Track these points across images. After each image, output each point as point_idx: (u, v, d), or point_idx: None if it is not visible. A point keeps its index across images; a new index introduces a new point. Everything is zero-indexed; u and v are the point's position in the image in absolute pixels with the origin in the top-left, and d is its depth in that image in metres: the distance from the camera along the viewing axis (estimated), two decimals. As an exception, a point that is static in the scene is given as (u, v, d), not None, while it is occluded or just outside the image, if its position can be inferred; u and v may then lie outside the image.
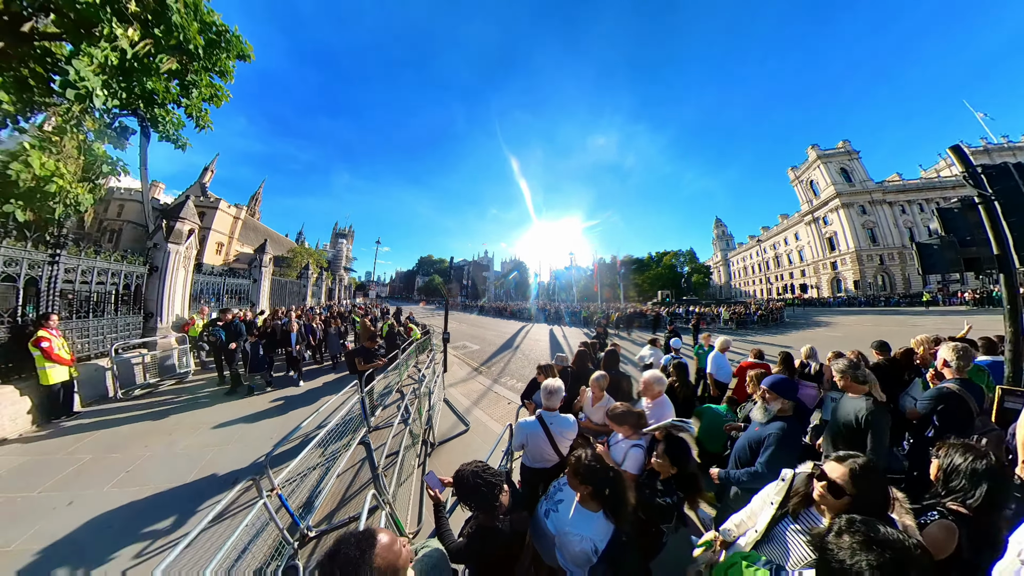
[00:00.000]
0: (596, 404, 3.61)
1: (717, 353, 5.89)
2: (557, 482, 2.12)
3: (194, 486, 4.20)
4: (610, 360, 4.81)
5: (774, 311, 26.97)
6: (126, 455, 4.85)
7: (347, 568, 1.12)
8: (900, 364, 4.34)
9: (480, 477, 1.87)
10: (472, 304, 65.29)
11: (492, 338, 19.74)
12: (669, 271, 74.87)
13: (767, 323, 24.58)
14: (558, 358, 5.05)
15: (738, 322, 23.82)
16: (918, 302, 37.48)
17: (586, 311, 32.69)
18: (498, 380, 9.74)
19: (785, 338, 16.98)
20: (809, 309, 41.87)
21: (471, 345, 16.93)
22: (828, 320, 25.68)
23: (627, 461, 2.53)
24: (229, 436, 5.60)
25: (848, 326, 21.19)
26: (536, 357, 13.51)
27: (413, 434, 4.90)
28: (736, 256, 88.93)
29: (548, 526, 1.91)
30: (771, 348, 6.47)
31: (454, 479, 1.97)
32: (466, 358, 13.40)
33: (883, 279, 53.63)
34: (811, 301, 52.29)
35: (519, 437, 3.04)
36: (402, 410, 4.72)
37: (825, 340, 15.06)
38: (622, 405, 2.79)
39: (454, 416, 6.38)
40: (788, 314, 30.98)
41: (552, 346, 16.97)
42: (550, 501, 2.00)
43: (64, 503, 3.81)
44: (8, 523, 3.46)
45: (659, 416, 3.02)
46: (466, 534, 1.98)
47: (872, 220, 55.20)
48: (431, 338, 11.87)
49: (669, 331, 9.38)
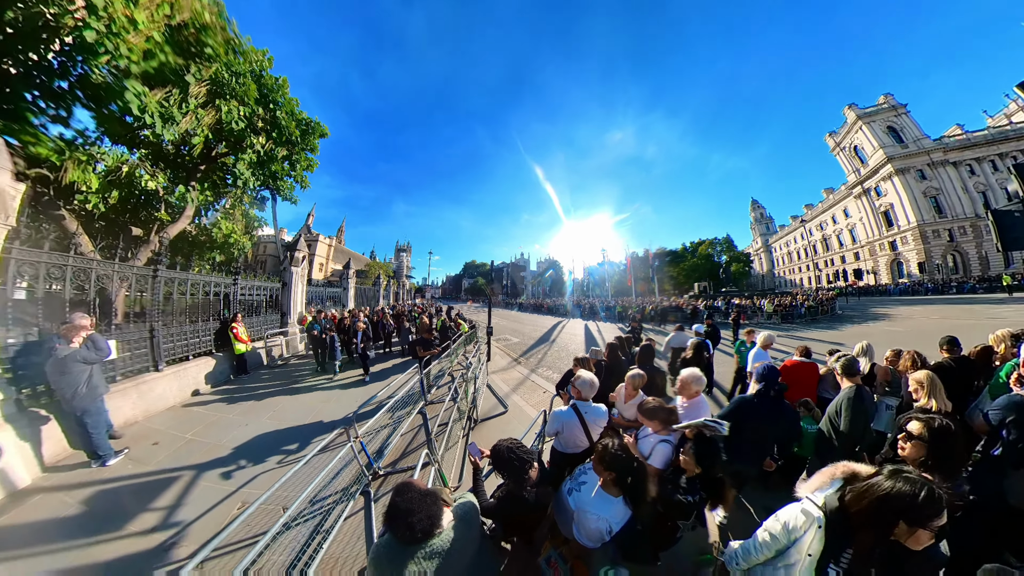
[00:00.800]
0: (629, 401, 3.57)
1: (759, 350, 5.38)
2: (583, 466, 2.24)
3: (309, 427, 5.87)
4: (645, 356, 4.68)
5: (824, 302, 23.84)
6: (271, 402, 7.15)
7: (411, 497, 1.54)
8: (973, 365, 3.63)
9: (514, 453, 2.06)
10: (512, 301, 69.28)
11: (530, 332, 20.78)
12: (705, 261, 68.73)
13: (816, 316, 21.77)
14: (592, 352, 5.19)
15: (783, 315, 21.20)
16: (998, 286, 30.94)
17: (620, 306, 31.86)
18: (535, 370, 10.29)
19: (837, 334, 14.88)
20: (865, 299, 35.78)
21: (511, 338, 18.09)
22: (887, 312, 21.99)
23: (653, 455, 2.54)
24: (329, 397, 7.44)
25: (911, 319, 18.14)
26: (571, 350, 13.61)
27: (460, 410, 5.54)
28: (778, 241, 79.09)
29: (569, 502, 2.05)
30: (820, 345, 5.97)
31: (492, 452, 2.17)
32: (507, 349, 14.40)
33: (954, 259, 43.89)
34: (867, 289, 43.97)
35: (555, 424, 3.10)
36: (452, 390, 5.53)
37: (883, 336, 13.14)
38: (654, 400, 2.78)
39: (495, 399, 7.21)
40: (840, 305, 27.29)
41: (587, 340, 17.04)
42: (574, 481, 2.14)
43: (243, 425, 5.89)
44: (218, 432, 5.59)
45: (693, 416, 2.93)
46: (497, 497, 2.21)
47: (934, 186, 44.96)
48: (477, 331, 12.71)
49: (707, 326, 8.51)
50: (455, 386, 5.58)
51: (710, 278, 64.60)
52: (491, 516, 2.18)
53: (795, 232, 72.30)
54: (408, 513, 1.49)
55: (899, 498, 1.28)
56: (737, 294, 39.95)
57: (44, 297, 5.27)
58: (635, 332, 8.74)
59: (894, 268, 49.62)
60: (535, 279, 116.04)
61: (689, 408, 3.13)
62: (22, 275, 5.01)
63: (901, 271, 48.48)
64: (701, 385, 3.23)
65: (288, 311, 11.96)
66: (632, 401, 3.51)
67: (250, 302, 10.93)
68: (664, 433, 2.63)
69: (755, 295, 36.20)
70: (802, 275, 69.85)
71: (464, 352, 9.86)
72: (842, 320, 20.28)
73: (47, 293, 5.42)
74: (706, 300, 33.39)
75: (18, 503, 3.80)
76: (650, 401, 2.76)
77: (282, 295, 12.05)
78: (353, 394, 7.65)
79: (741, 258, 71.95)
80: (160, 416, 6.26)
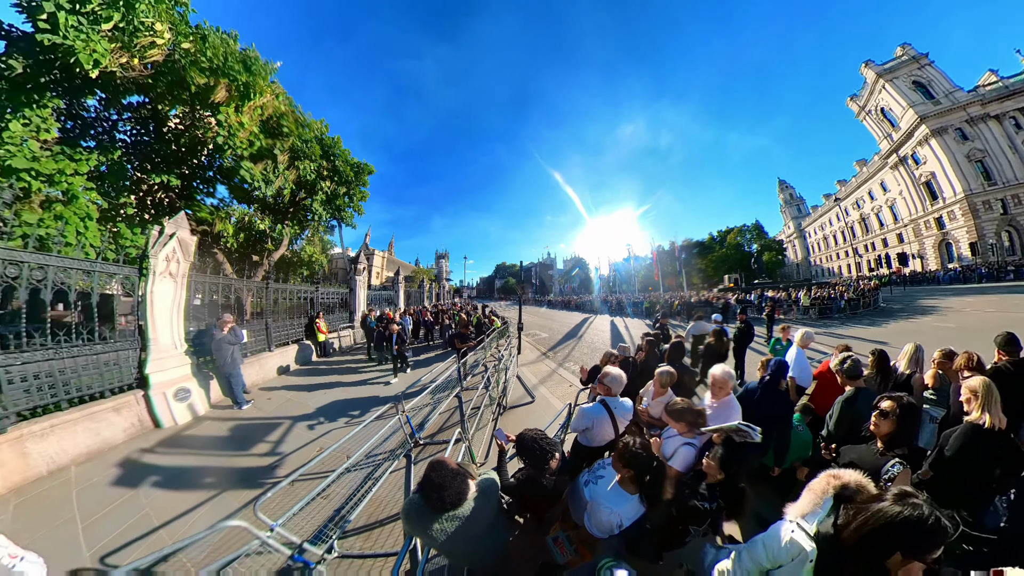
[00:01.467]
0: (657, 399, 3.45)
1: (797, 349, 4.78)
2: (603, 460, 2.28)
3: (368, 399, 7.14)
4: (675, 353, 4.53)
5: (865, 293, 20.72)
6: (342, 377, 8.93)
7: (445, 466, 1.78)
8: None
9: (537, 443, 2.20)
10: (541, 299, 71.64)
11: (558, 328, 21.15)
12: (735, 251, 62.45)
13: (857, 310, 19.10)
14: (620, 348, 5.21)
15: (821, 309, 18.86)
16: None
17: (648, 301, 29.76)
18: (562, 365, 10.47)
19: (880, 331, 12.84)
20: (911, 289, 30.86)
21: (540, 333, 18.68)
22: (936, 304, 18.81)
23: (675, 457, 2.44)
24: (383, 377, 8.94)
25: (963, 311, 15.34)
26: (598, 346, 13.61)
27: (491, 397, 5.97)
28: (812, 224, 69.31)
29: (585, 493, 2.09)
30: (862, 345, 5.53)
31: (517, 439, 2.30)
32: (536, 344, 14.89)
33: (1009, 236, 35.77)
34: (914, 277, 37.50)
35: (584, 421, 2.99)
36: (485, 379, 5.95)
37: (932, 333, 11.13)
38: (682, 401, 2.66)
39: (523, 389, 7.58)
40: (884, 297, 23.65)
41: (613, 336, 16.90)
42: (592, 474, 2.18)
43: (323, 393, 7.49)
44: (306, 396, 7.32)
45: (722, 418, 2.73)
46: (517, 478, 2.37)
47: (978, 148, 36.70)
48: (508, 327, 13.16)
49: (740, 322, 7.97)
50: (488, 375, 6.06)
51: (741, 269, 60.11)
52: (510, 494, 2.31)
53: (829, 213, 62.74)
54: (440, 488, 1.70)
55: (904, 527, 1.11)
56: (770, 286, 35.96)
57: (208, 303, 8.94)
58: (663, 329, 8.34)
59: (942, 250, 41.63)
60: (562, 277, 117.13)
61: (719, 409, 2.92)
62: (196, 290, 8.68)
63: (951, 254, 40.56)
64: (733, 381, 3.01)
65: (354, 310, 15.64)
66: (660, 399, 3.38)
67: (327, 303, 14.72)
68: (689, 435, 2.51)
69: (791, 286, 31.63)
70: (840, 262, 61.13)
71: (497, 345, 10.42)
72: (885, 315, 17.60)
73: (210, 301, 9.19)
74: (737, 293, 30.81)
75: (198, 424, 5.94)
76: (678, 402, 2.65)
77: (349, 298, 15.78)
78: (402, 378, 8.96)
79: (773, 246, 64.43)
80: (271, 381, 8.66)
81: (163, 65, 7.93)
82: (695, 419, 2.53)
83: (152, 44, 7.20)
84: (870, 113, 47.69)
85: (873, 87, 45.60)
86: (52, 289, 4.62)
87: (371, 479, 4.03)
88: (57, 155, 7.24)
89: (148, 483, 4.12)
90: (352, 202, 16.00)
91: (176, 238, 6.27)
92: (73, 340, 4.97)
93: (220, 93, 9.30)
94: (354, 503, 3.47)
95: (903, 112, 41.87)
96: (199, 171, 11.06)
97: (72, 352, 4.88)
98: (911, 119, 40.86)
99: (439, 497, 1.72)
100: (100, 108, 9.53)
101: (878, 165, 49.14)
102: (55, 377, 4.66)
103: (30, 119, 6.58)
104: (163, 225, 6.05)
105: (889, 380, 3.58)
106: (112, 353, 5.46)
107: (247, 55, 9.53)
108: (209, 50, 8.22)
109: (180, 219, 6.50)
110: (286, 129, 12.51)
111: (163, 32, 7.10)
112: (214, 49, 8.33)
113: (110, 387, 5.35)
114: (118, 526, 3.38)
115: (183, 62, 8.02)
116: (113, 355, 5.47)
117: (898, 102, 42.27)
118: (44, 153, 6.97)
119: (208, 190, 11.78)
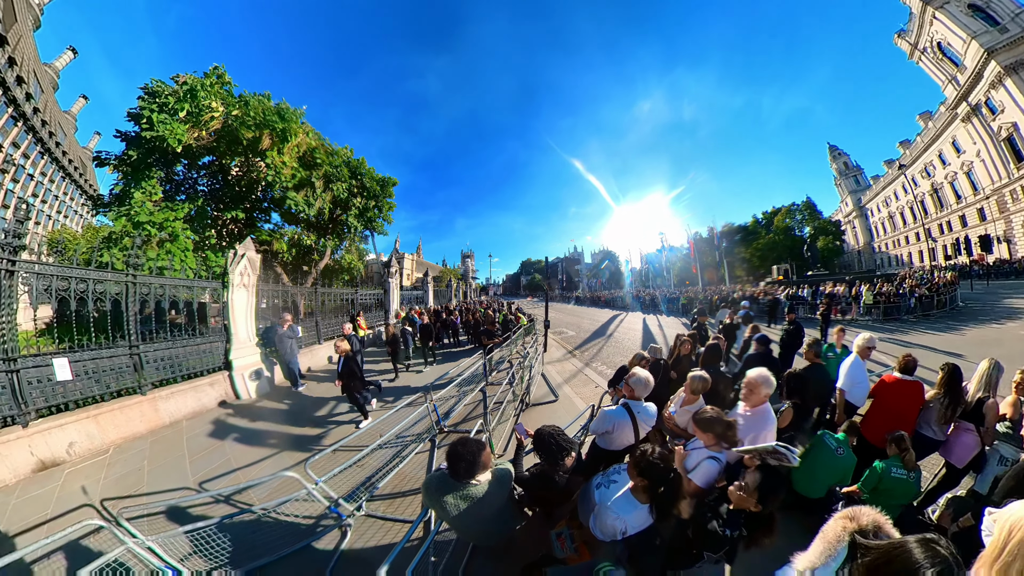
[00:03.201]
0: (685, 406, 3.22)
1: (856, 359, 4.03)
2: (619, 465, 2.29)
3: (400, 388, 8.22)
4: (711, 356, 4.23)
5: (940, 289, 16.95)
6: (380, 366, 10.27)
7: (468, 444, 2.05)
8: None
9: (554, 439, 2.29)
10: (568, 295, 69.56)
11: (586, 326, 20.86)
12: (784, 236, 55.04)
13: (930, 310, 15.56)
14: (651, 349, 4.94)
15: (886, 308, 15.75)
16: None
17: (684, 297, 27.46)
18: (589, 364, 10.43)
19: (955, 339, 10.55)
20: (995, 284, 24.58)
21: (567, 331, 18.59)
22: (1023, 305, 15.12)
23: (697, 471, 2.30)
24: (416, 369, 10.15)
25: None
26: (629, 347, 13.28)
27: (515, 393, 6.22)
28: (874, 200, 57.13)
29: (595, 495, 2.12)
30: (932, 357, 4.86)
31: (535, 434, 2.40)
32: (562, 342, 14.83)
33: None
34: (1000, 267, 29.46)
35: (605, 424, 2.99)
36: (510, 375, 6.21)
37: (1016, 345, 8.93)
38: (712, 410, 2.48)
39: (547, 387, 7.77)
40: (963, 294, 19.09)
41: (645, 336, 16.29)
42: (606, 477, 2.21)
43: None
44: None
45: (756, 430, 2.60)
46: (531, 472, 2.48)
47: None
48: (534, 324, 13.34)
49: (788, 321, 7.15)
50: (512, 372, 6.31)
51: (791, 258, 49.79)
52: (522, 485, 2.48)
53: (894, 185, 51.38)
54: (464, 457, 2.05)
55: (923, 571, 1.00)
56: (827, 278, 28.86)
57: (271, 306, 11.96)
58: (700, 329, 7.56)
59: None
60: (590, 272, 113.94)
61: (752, 418, 2.73)
62: (263, 297, 11.57)
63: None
64: (770, 388, 2.76)
65: (388, 309, 18.49)
66: (689, 407, 3.16)
67: (365, 304, 17.57)
68: (716, 449, 2.34)
69: (857, 279, 24.53)
70: (910, 248, 50.81)
71: (522, 343, 10.75)
72: (964, 317, 14.48)
73: (272, 304, 12.19)
74: (788, 287, 26.22)
75: (265, 398, 7.61)
76: (707, 410, 2.47)
77: (384, 299, 18.70)
78: (432, 370, 9.99)
79: (828, 228, 56.32)
80: (321, 368, 10.50)
81: (221, 131, 10.94)
82: (724, 431, 2.34)
83: (211, 118, 10.12)
84: (925, 51, 39.51)
85: (921, 18, 37.94)
86: (168, 300, 7.24)
87: (399, 456, 4.60)
88: (163, 208, 10.55)
89: (231, 437, 5.58)
90: (382, 213, 18.70)
91: (246, 257, 8.25)
92: (182, 335, 7.16)
93: (265, 142, 12.20)
94: (383, 474, 4.13)
95: (964, 46, 33.74)
96: (257, 204, 14.43)
97: (183, 343, 7.02)
98: (975, 54, 32.66)
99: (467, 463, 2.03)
100: (185, 171, 13.27)
101: (946, 118, 39.04)
102: (173, 360, 6.72)
103: (145, 188, 9.84)
104: (236, 249, 8.12)
105: (958, 404, 3.05)
106: (207, 344, 7.52)
107: (280, 107, 12.31)
108: (252, 111, 11.04)
109: (247, 243, 8.62)
110: (319, 159, 15.38)
111: (217, 108, 10.00)
112: (255, 110, 11.13)
113: (207, 368, 7.32)
114: (211, 463, 4.78)
115: (235, 125, 10.95)
116: (208, 346, 7.52)
117: (955, 33, 34.24)
118: (155, 209, 10.26)
119: (265, 218, 15.30)
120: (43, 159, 44.42)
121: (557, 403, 6.97)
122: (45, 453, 4.26)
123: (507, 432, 5.32)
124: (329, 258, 18.61)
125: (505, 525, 2.34)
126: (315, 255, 17.66)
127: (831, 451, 2.87)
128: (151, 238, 10.01)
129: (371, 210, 17.92)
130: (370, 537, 3.36)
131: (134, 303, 6.10)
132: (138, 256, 6.25)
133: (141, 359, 6.07)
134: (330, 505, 3.43)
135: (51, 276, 5.13)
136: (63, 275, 5.22)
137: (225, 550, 2.97)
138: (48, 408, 4.77)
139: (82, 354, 5.31)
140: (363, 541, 3.31)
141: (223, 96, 10.83)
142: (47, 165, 45.55)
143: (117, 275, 5.97)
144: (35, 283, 4.98)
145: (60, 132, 49.09)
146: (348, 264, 19.08)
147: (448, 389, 5.99)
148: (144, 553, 2.61)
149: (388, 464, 4.50)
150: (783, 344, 6.84)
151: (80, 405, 5.15)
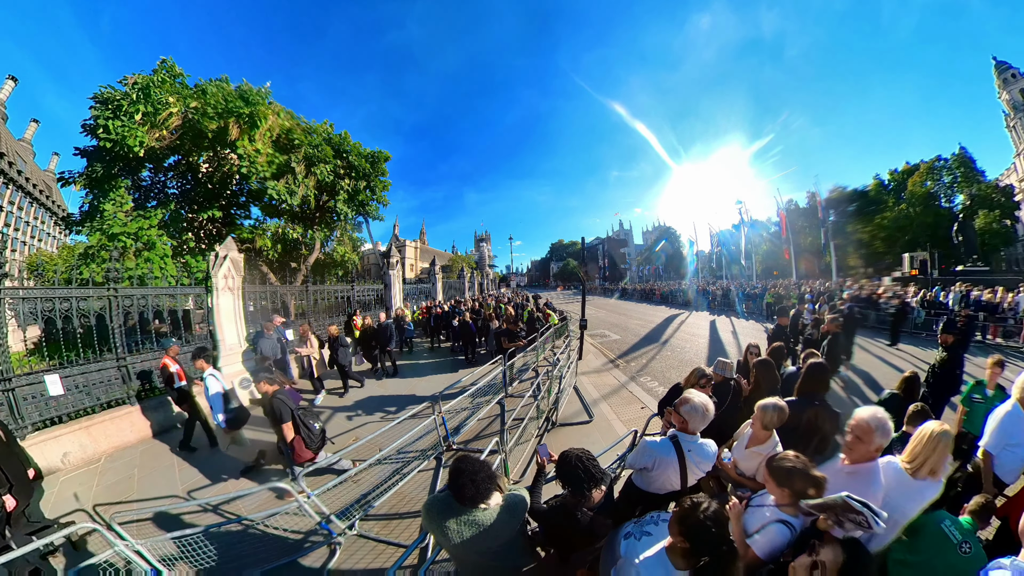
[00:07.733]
0: (753, 447, 2.82)
1: (1016, 409, 3.12)
2: (656, 514, 2.09)
3: (405, 397, 8.37)
4: (811, 380, 3.49)
5: None
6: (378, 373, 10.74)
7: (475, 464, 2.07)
8: None
9: (582, 463, 2.14)
10: (612, 287, 64.80)
11: (636, 328, 19.13)
12: (923, 208, 40.39)
13: None
14: (719, 364, 4.29)
15: None
16: None
17: (771, 294, 22.33)
18: (635, 378, 9.71)
19: None
20: None
21: (610, 334, 17.25)
22: None
23: (760, 535, 2.02)
24: (423, 372, 10.33)
25: None
26: (689, 358, 12.02)
27: (539, 409, 6.07)
28: None
29: (621, 547, 1.97)
30: None
31: (560, 456, 2.29)
32: (603, 348, 13.92)
33: None
34: None
35: (645, 458, 2.72)
36: (534, 386, 5.97)
37: None
38: (796, 457, 2.10)
39: (580, 404, 7.28)
40: None
41: (712, 345, 14.34)
42: (638, 527, 2.03)
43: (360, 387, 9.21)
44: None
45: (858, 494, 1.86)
46: (549, 504, 2.42)
47: None
48: (568, 324, 12.71)
49: (942, 344, 5.63)
50: (538, 382, 5.99)
51: (934, 244, 35.02)
52: (537, 519, 2.41)
53: None
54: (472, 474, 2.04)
55: None
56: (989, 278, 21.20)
57: (259, 308, 12.72)
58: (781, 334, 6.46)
59: None
60: (641, 256, 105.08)
61: (855, 477, 2.23)
62: (250, 299, 12.38)
63: None
64: (886, 439, 2.24)
65: (390, 306, 19.09)
66: (757, 448, 2.81)
67: (363, 300, 18.21)
68: (790, 510, 2.01)
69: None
70: None
71: (552, 347, 10.24)
72: None
73: (261, 307, 12.98)
74: (924, 286, 20.43)
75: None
76: (788, 457, 2.11)
77: (385, 294, 19.37)
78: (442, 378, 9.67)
79: (994, 198, 38.96)
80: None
81: (183, 126, 11.50)
82: (806, 487, 1.98)
83: (170, 115, 10.67)
84: None
85: None
86: (152, 310, 7.93)
87: (399, 474, 4.72)
88: (136, 217, 11.36)
89: (220, 446, 5.97)
90: (375, 194, 19.10)
91: (229, 259, 8.60)
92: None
93: (233, 131, 12.74)
94: (380, 492, 4.21)
95: None
96: (234, 199, 15.20)
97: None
98: None
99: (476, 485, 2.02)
100: (152, 175, 14.13)
101: None
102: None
103: (114, 199, 10.62)
104: (216, 251, 8.47)
105: None
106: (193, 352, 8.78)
107: (242, 89, 12.77)
108: (211, 99, 11.54)
109: (229, 243, 8.95)
110: (296, 140, 15.85)
111: (174, 103, 10.48)
112: (215, 97, 11.64)
113: (195, 376, 8.14)
114: (200, 472, 5.28)
115: (195, 117, 11.49)
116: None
117: None
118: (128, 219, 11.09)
119: (244, 213, 16.14)
120: (8, 189, 50.69)
121: (591, 424, 6.64)
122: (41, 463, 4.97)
123: (527, 454, 5.21)
124: (319, 251, 19.35)
125: (512, 563, 2.21)
126: (303, 249, 18.42)
127: (953, 547, 2.06)
128: (127, 249, 10.85)
129: (362, 192, 18.31)
130: (360, 558, 3.54)
131: (118, 315, 6.75)
132: (117, 269, 6.86)
133: (129, 371, 6.79)
134: (321, 521, 3.61)
135: (35, 299, 5.84)
136: (47, 296, 5.92)
137: (210, 558, 3.31)
138: (43, 421, 5.52)
139: (71, 369, 6.04)
140: (352, 562, 3.50)
141: (177, 90, 11.38)
142: (13, 194, 51.98)
143: (99, 290, 6.65)
144: (21, 307, 5.70)
145: (19, 160, 54.90)
146: (341, 257, 19.80)
147: (460, 400, 6.06)
148: (132, 556, 2.99)
149: (387, 481, 4.63)
150: (931, 381, 5.28)
151: (73, 417, 5.90)
